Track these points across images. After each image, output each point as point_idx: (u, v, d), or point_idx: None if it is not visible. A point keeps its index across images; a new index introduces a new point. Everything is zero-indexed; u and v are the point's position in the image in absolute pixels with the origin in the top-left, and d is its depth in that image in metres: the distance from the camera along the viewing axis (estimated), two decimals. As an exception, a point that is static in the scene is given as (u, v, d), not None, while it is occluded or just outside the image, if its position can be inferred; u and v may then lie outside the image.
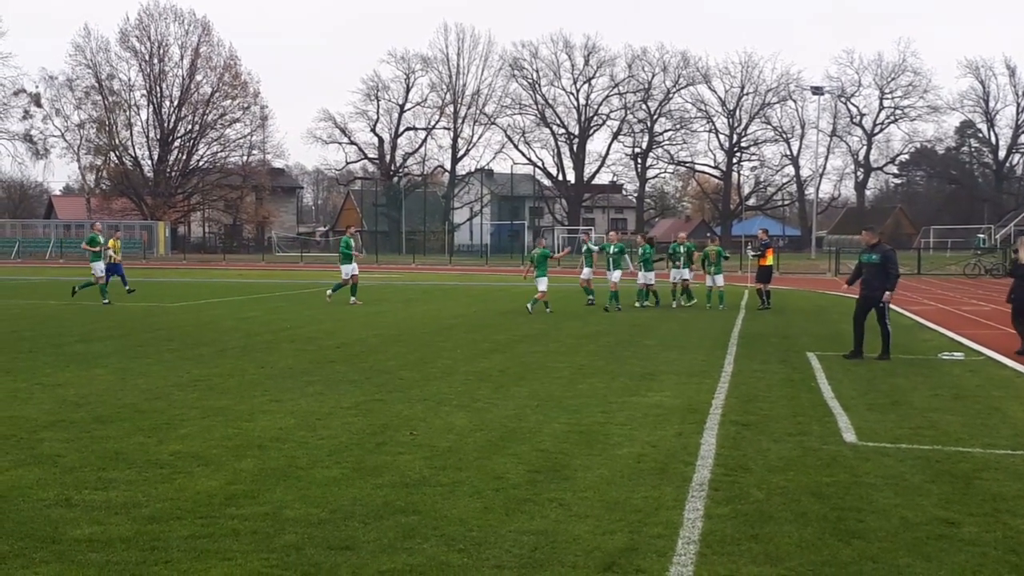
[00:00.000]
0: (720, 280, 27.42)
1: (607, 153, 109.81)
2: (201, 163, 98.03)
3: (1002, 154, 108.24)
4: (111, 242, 31.47)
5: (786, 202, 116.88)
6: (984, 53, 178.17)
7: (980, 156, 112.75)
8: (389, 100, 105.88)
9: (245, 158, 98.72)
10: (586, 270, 28.09)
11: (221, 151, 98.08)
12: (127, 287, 30.50)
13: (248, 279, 44.14)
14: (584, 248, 28.92)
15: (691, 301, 27.18)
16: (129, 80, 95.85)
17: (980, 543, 6.32)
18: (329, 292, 28.00)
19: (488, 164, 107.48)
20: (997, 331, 20.23)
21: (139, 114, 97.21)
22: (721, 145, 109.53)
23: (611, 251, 26.20)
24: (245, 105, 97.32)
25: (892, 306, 15.73)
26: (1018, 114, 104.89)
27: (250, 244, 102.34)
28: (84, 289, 28.00)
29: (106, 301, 26.29)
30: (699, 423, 10.20)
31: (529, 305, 24.32)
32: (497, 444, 9.10)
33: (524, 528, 6.55)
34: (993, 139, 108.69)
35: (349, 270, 27.60)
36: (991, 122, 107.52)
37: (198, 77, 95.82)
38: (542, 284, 24.82)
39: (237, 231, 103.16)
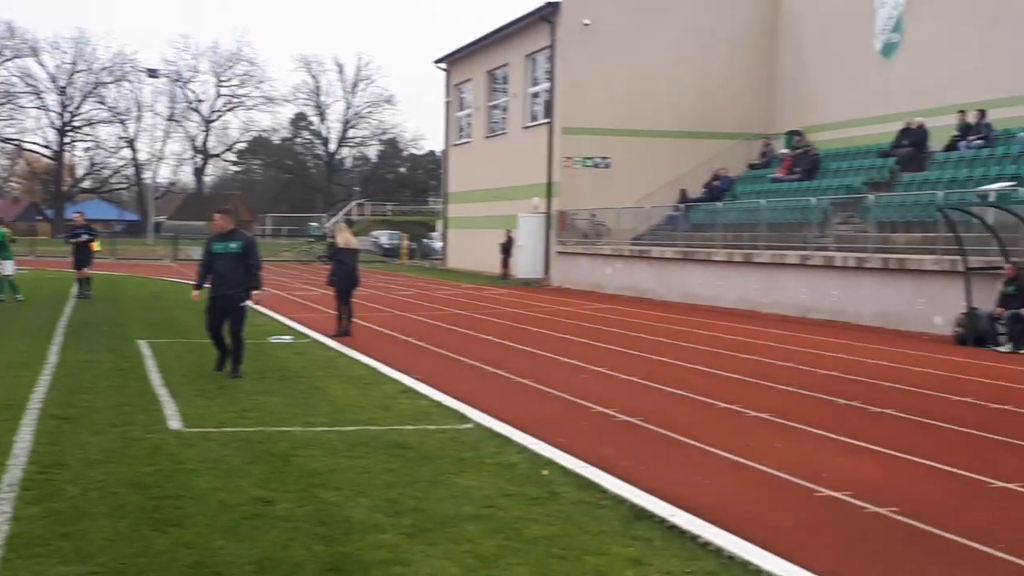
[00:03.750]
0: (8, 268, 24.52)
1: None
2: None
3: (332, 147, 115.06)
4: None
5: (123, 185, 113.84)
6: (316, 50, 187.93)
7: (313, 148, 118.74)
8: None
9: None
10: None
11: None
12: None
13: None
14: None
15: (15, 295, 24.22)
16: None
17: (292, 518, 6.58)
18: None
19: None
20: (324, 314, 21.44)
21: None
22: (52, 123, 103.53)
23: None
24: None
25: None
26: (347, 110, 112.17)
27: None
28: None
29: None
30: (14, 419, 9.49)
31: None
32: None
33: None
34: (325, 132, 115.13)
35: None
36: (322, 116, 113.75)
37: None
38: None
39: None
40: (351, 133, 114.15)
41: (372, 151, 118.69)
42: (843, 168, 29.17)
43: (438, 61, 49.17)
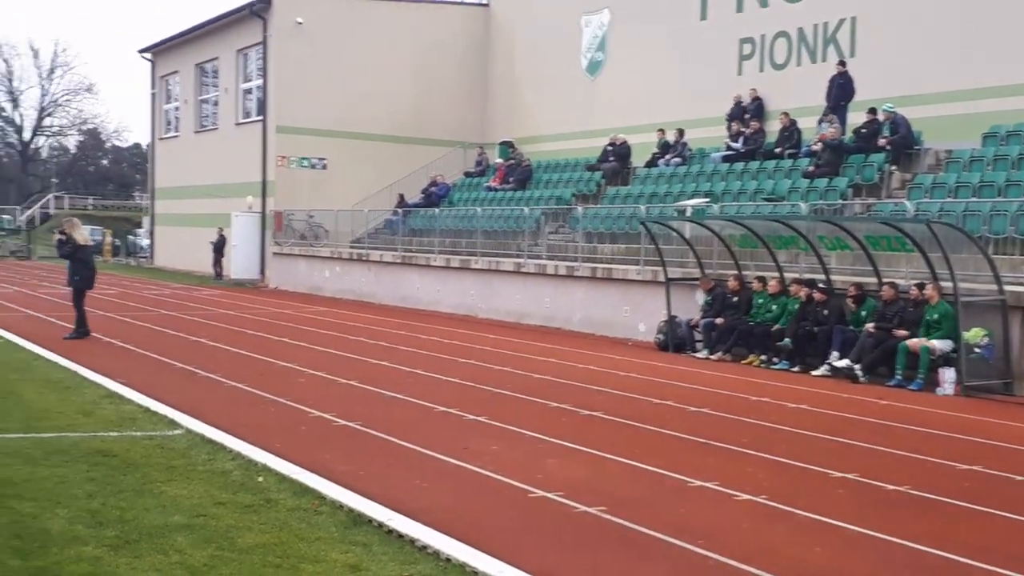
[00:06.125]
0: None
1: None
2: None
3: (27, 135, 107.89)
4: None
5: None
6: (6, 32, 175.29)
7: (5, 136, 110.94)
8: None
9: None
10: None
11: None
12: None
13: None
14: None
15: None
16: None
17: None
18: None
19: None
20: (20, 313, 20.06)
21: None
22: None
23: None
24: None
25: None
26: (42, 97, 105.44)
27: None
28: None
29: None
30: None
31: None
32: None
33: None
34: (19, 120, 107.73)
35: None
36: (16, 102, 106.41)
37: None
38: None
39: None
40: (47, 121, 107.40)
41: (72, 142, 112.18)
42: (553, 179, 30.20)
43: (143, 51, 47.03)
